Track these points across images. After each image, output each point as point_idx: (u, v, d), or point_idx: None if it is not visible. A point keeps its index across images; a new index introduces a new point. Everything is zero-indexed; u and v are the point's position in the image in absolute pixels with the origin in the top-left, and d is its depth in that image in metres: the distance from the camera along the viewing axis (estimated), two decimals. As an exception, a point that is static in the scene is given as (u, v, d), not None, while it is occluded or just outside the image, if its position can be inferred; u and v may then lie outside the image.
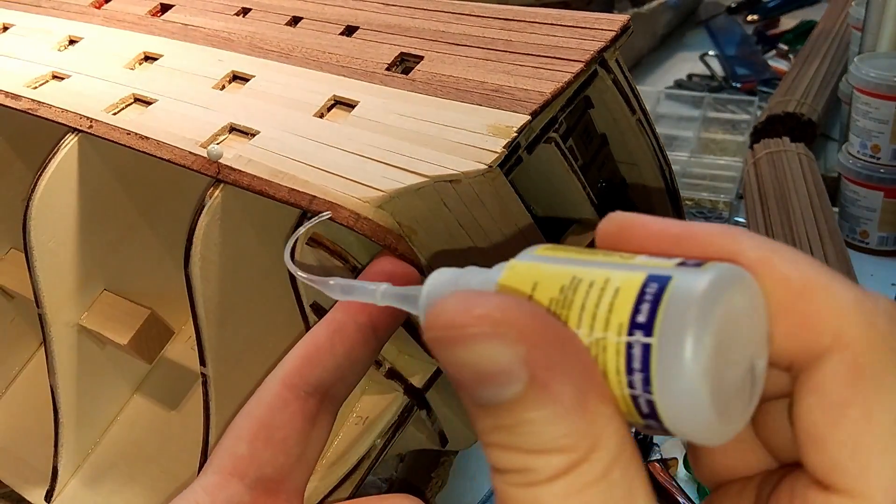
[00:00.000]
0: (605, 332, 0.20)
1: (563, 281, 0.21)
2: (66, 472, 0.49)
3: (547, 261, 0.22)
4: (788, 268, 0.20)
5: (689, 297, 0.19)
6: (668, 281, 0.19)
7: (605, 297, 0.20)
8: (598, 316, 0.20)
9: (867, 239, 0.76)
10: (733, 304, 0.19)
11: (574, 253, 0.22)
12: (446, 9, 0.44)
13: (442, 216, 0.37)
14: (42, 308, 0.46)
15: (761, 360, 0.21)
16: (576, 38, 0.38)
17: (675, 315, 0.19)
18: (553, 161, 0.38)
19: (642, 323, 0.19)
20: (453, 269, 0.24)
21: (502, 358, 0.19)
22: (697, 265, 0.20)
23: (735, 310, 0.20)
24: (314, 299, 0.39)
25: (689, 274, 0.20)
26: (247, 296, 0.42)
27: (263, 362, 0.45)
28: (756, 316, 0.20)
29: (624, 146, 0.43)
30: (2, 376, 0.55)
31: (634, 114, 0.41)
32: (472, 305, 0.19)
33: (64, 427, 0.48)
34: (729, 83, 1.08)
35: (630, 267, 0.20)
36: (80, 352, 0.48)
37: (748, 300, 0.20)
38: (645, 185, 0.45)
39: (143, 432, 0.50)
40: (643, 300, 0.19)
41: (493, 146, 0.35)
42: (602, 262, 0.21)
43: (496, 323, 0.19)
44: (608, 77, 0.39)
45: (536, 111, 0.36)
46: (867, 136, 0.73)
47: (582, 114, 0.41)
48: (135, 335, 0.45)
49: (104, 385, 0.50)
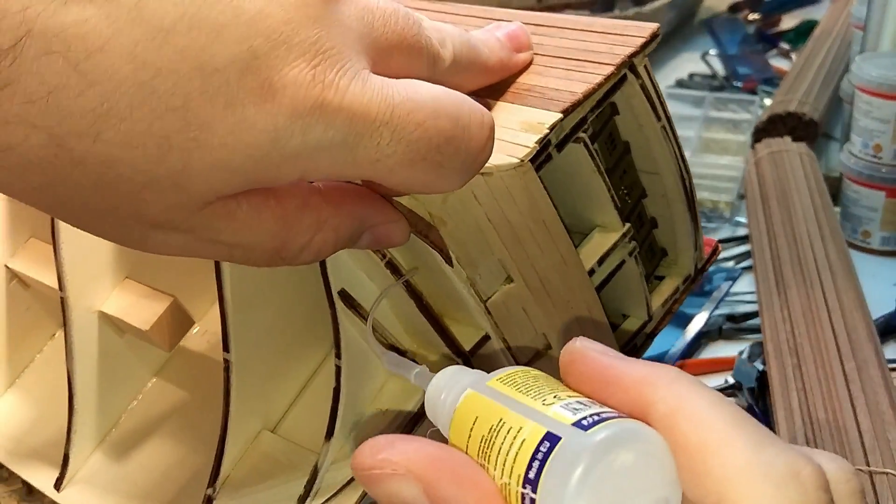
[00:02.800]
0: (509, 478, 0.23)
1: (493, 421, 0.24)
2: (78, 460, 0.50)
3: (491, 395, 0.25)
4: (688, 427, 0.23)
5: (569, 461, 0.21)
6: (557, 441, 0.22)
7: (514, 447, 0.23)
8: (506, 463, 0.23)
9: (869, 239, 0.77)
10: (615, 463, 0.22)
11: (516, 388, 0.25)
12: (475, 13, 0.44)
13: (471, 209, 0.37)
14: (65, 292, 0.46)
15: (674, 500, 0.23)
16: (606, 44, 0.39)
17: (554, 476, 0.21)
18: (581, 161, 0.39)
19: (531, 479, 0.22)
20: (456, 369, 0.28)
21: (406, 493, 0.23)
22: (592, 425, 0.22)
23: (618, 467, 0.22)
24: (342, 286, 0.40)
25: (576, 437, 0.22)
26: (273, 283, 0.42)
27: (282, 350, 0.45)
28: (652, 467, 0.22)
29: (647, 154, 0.44)
30: (15, 364, 0.56)
31: (660, 121, 0.42)
32: (377, 451, 0.24)
33: (78, 414, 0.49)
34: (730, 82, 1.09)
35: (542, 418, 0.23)
36: (99, 338, 0.48)
37: (638, 455, 0.22)
38: (665, 195, 0.46)
39: (158, 420, 0.51)
40: (535, 457, 0.22)
41: (526, 141, 0.35)
42: (527, 406, 0.24)
43: (395, 465, 0.24)
44: (636, 82, 0.40)
45: (568, 109, 0.36)
46: (869, 135, 0.74)
47: (607, 120, 0.42)
48: (157, 321, 0.46)
49: (121, 373, 0.50)
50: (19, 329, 0.55)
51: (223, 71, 0.24)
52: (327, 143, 0.25)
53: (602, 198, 0.41)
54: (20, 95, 0.23)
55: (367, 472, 0.24)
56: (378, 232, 0.31)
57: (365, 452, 0.24)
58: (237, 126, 0.24)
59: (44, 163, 0.24)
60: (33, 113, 0.23)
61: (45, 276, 0.51)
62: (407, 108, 0.26)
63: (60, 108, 0.23)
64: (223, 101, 0.24)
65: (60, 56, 0.23)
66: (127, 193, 0.25)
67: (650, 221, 0.47)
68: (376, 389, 0.44)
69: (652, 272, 0.49)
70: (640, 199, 0.46)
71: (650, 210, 0.47)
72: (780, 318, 0.62)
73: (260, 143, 0.24)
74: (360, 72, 0.26)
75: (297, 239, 0.28)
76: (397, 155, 0.27)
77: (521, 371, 0.26)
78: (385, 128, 0.26)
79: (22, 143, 0.23)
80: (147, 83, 0.23)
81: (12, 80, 0.22)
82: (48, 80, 0.23)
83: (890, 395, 0.54)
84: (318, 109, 0.25)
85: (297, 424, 0.46)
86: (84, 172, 0.24)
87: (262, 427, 0.45)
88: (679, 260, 0.49)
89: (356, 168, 0.27)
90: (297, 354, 0.46)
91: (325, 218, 0.29)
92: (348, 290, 0.40)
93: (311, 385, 0.46)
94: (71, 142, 0.23)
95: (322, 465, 0.42)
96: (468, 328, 0.42)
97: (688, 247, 0.48)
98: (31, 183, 0.24)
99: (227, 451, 0.43)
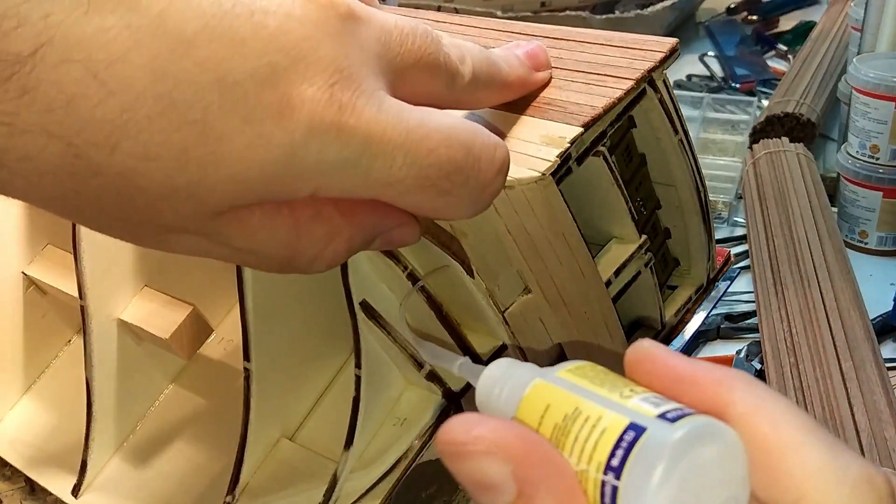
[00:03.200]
0: (587, 465, 0.23)
1: (567, 409, 0.24)
2: (96, 466, 0.50)
3: (563, 384, 0.25)
4: (768, 427, 0.23)
5: (657, 451, 0.22)
6: (643, 432, 0.22)
7: (594, 435, 0.23)
8: (584, 450, 0.23)
9: (866, 239, 0.77)
10: (699, 457, 0.22)
11: (589, 380, 0.25)
12: (496, 27, 0.45)
13: (492, 221, 0.38)
14: (85, 300, 0.46)
15: (741, 500, 0.23)
16: (626, 58, 0.39)
17: (641, 466, 0.22)
18: (600, 174, 0.40)
19: (615, 466, 0.22)
20: (509, 362, 0.28)
21: (494, 472, 0.23)
22: (676, 418, 0.23)
23: (701, 462, 0.22)
24: (364, 297, 0.40)
25: (663, 429, 0.22)
26: (294, 293, 0.43)
27: (302, 359, 0.46)
28: (729, 464, 0.23)
29: (664, 166, 0.44)
30: (31, 370, 0.56)
31: (677, 134, 0.43)
32: (471, 427, 0.23)
33: (96, 422, 0.49)
34: (728, 83, 1.09)
35: (622, 409, 0.24)
36: (118, 346, 0.49)
37: (719, 452, 0.23)
38: (680, 207, 0.46)
39: (176, 428, 0.51)
40: (619, 445, 0.22)
41: (547, 155, 0.36)
42: (604, 397, 0.24)
43: (489, 443, 0.23)
44: (655, 96, 0.40)
45: (589, 123, 0.37)
46: (866, 136, 0.74)
47: (625, 133, 0.43)
48: (177, 330, 0.46)
49: (139, 380, 0.51)
50: (36, 335, 0.56)
51: (242, 84, 0.24)
52: (342, 162, 0.26)
53: (619, 210, 0.42)
54: (39, 103, 0.23)
55: (456, 448, 0.23)
56: (391, 236, 0.32)
57: (456, 428, 0.24)
58: (254, 141, 0.24)
59: (61, 173, 0.24)
60: (52, 122, 0.23)
61: (63, 283, 0.51)
62: (421, 134, 0.27)
63: (79, 117, 0.23)
64: (241, 116, 0.24)
65: (81, 65, 0.23)
66: (143, 204, 0.25)
67: (664, 232, 0.48)
68: (394, 399, 0.44)
69: (665, 282, 0.49)
70: (655, 210, 0.46)
71: (664, 221, 0.48)
72: (777, 318, 0.63)
73: (276, 158, 0.25)
74: (377, 92, 0.26)
75: (309, 249, 0.29)
76: (409, 179, 0.27)
77: (589, 365, 0.26)
78: (399, 151, 0.26)
79: (40, 152, 0.23)
80: (166, 94, 0.23)
81: (31, 87, 0.22)
82: (67, 88, 0.23)
83: (887, 394, 0.54)
84: (334, 129, 0.25)
85: (316, 433, 0.46)
86: (101, 183, 0.24)
87: (280, 435, 0.46)
88: (692, 270, 0.49)
89: (368, 189, 0.27)
90: (316, 363, 0.46)
91: (337, 229, 0.29)
92: (369, 301, 0.40)
93: (329, 393, 0.47)
94: (89, 152, 0.23)
95: (341, 474, 0.42)
96: (485, 337, 0.43)
97: (701, 257, 0.48)
98: (48, 192, 0.24)
99: (246, 459, 0.44)
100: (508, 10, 1.20)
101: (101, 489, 0.49)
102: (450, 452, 0.24)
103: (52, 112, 0.23)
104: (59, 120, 0.23)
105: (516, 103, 0.39)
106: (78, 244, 0.45)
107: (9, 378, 0.55)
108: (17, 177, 0.24)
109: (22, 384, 0.56)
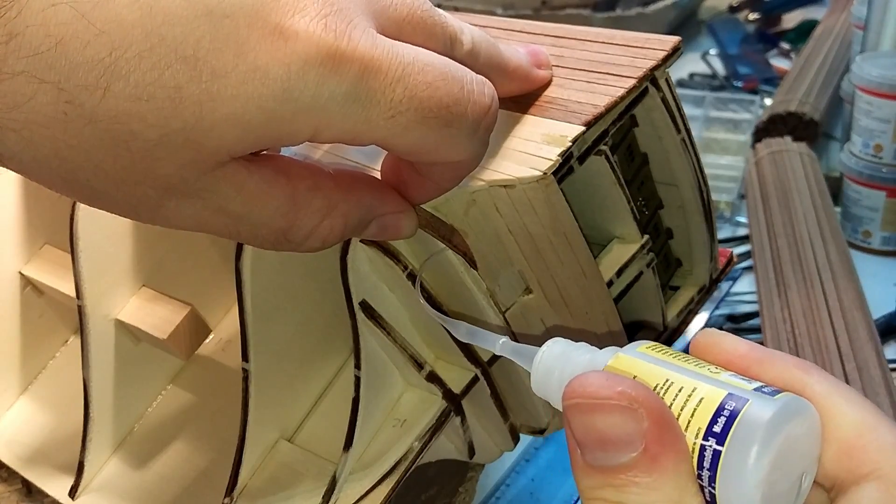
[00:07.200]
0: (684, 431, 0.24)
1: (657, 380, 0.25)
2: (93, 468, 0.49)
3: (647, 359, 0.27)
4: (847, 407, 0.25)
5: (760, 420, 0.24)
6: (745, 403, 0.24)
7: (690, 403, 0.25)
8: (681, 417, 0.24)
9: (869, 239, 0.77)
10: (793, 430, 0.24)
11: (670, 357, 0.27)
12: (498, 25, 0.44)
13: (493, 220, 0.38)
14: (83, 300, 0.46)
15: (809, 476, 0.25)
16: (628, 56, 0.39)
17: (745, 433, 0.23)
18: (601, 173, 0.39)
19: (717, 433, 0.24)
20: (566, 341, 0.29)
21: (627, 428, 0.24)
22: (772, 393, 0.25)
23: (794, 434, 0.24)
24: (363, 297, 0.40)
25: (763, 400, 0.24)
26: (292, 293, 0.42)
27: (300, 360, 0.45)
28: (811, 440, 0.25)
29: (666, 165, 0.44)
30: (28, 370, 0.56)
31: (679, 133, 0.42)
32: (614, 383, 0.24)
33: (93, 423, 0.48)
34: (730, 82, 1.09)
35: (715, 382, 0.25)
36: (115, 346, 0.48)
37: (806, 427, 0.25)
38: (682, 206, 0.46)
39: (174, 428, 0.51)
40: (721, 413, 0.24)
41: (548, 154, 0.36)
42: (692, 371, 0.26)
43: (632, 399, 0.24)
44: (658, 95, 0.40)
45: (590, 122, 0.36)
46: (869, 135, 0.74)
47: (627, 132, 0.42)
48: (175, 330, 0.46)
49: (136, 381, 0.50)
50: (33, 335, 0.55)
51: (233, 17, 0.24)
52: (341, 96, 0.25)
53: (621, 209, 0.41)
54: (26, 48, 0.22)
55: (592, 401, 0.24)
56: (387, 222, 0.32)
57: (596, 382, 0.24)
58: (249, 75, 0.24)
59: (53, 123, 0.23)
60: (40, 67, 0.22)
61: (60, 283, 0.51)
62: (417, 68, 0.27)
63: (69, 59, 0.23)
64: (234, 49, 0.24)
65: (67, 6, 0.22)
66: (139, 152, 0.24)
67: (666, 232, 0.47)
68: (394, 400, 0.44)
69: (667, 282, 0.49)
70: (657, 209, 0.46)
71: (666, 221, 0.47)
72: (780, 318, 0.63)
73: (273, 93, 0.24)
74: (368, 29, 0.26)
75: (306, 221, 0.28)
76: (410, 112, 0.27)
77: (660, 346, 0.28)
78: (398, 84, 0.26)
79: (30, 100, 0.23)
80: (155, 31, 0.23)
81: (18, 31, 0.22)
82: (54, 31, 0.22)
83: (891, 395, 0.54)
84: (330, 59, 0.25)
85: (315, 434, 0.46)
86: (95, 131, 0.24)
87: (279, 436, 0.45)
88: (694, 270, 0.49)
89: (369, 128, 0.26)
90: (315, 364, 0.46)
91: (334, 202, 0.29)
92: (369, 301, 0.40)
93: (328, 394, 0.46)
94: (80, 97, 0.23)
95: (340, 476, 0.42)
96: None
97: (704, 258, 0.48)
98: (42, 151, 0.24)
99: (244, 461, 0.43)
100: (509, 8, 1.19)
101: (99, 490, 0.49)
102: (585, 405, 0.24)
103: (40, 56, 0.22)
104: (49, 64, 0.23)
105: (517, 102, 0.38)
106: (75, 244, 0.45)
107: (5, 379, 0.55)
108: (9, 132, 0.23)
109: (19, 385, 0.55)
